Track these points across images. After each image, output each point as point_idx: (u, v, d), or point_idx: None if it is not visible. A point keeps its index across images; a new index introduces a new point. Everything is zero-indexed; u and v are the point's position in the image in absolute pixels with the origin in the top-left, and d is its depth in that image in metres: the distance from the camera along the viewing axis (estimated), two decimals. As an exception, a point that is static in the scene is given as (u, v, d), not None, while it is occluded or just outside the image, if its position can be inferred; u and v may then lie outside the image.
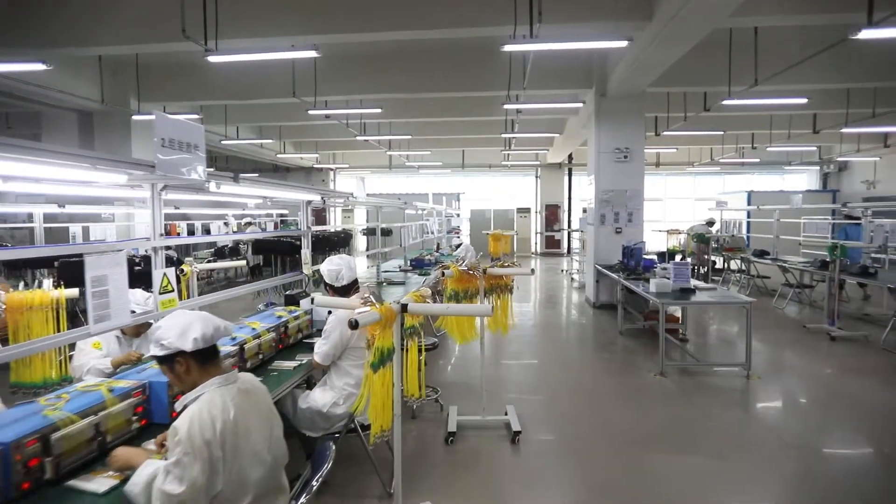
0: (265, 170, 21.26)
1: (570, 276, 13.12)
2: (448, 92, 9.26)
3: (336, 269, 3.11)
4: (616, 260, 8.24)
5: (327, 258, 3.16)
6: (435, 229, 11.88)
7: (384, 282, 6.79)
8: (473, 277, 3.70)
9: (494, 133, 13.48)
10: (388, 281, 6.79)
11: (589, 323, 7.98)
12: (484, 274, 3.77)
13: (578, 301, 9.78)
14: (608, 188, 8.66)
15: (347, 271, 3.12)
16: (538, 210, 19.91)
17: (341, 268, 3.11)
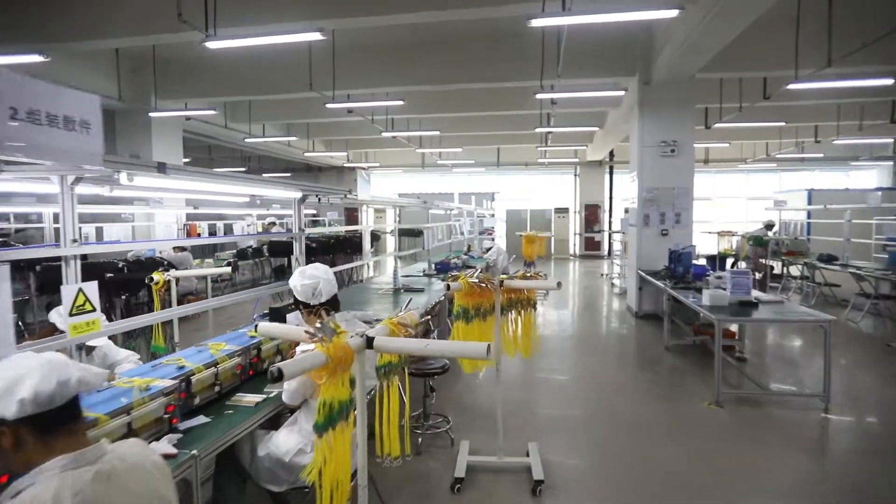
0: (298, 169, 21.15)
1: (609, 280, 12.24)
2: (475, 83, 8.62)
3: (311, 283, 2.45)
4: (661, 265, 7.40)
5: (299, 269, 2.54)
6: (465, 230, 11.25)
7: (402, 288, 6.22)
8: (487, 291, 3.06)
9: (529, 129, 12.72)
10: (406, 287, 6.22)
11: (630, 335, 7.18)
12: (500, 286, 3.12)
13: (619, 309, 8.95)
14: (653, 186, 7.82)
15: (326, 285, 2.47)
16: (577, 210, 18.99)
17: (317, 281, 2.45)
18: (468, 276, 3.08)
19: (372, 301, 5.51)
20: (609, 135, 13.09)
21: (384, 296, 5.88)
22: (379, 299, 5.65)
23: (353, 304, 5.16)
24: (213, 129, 11.29)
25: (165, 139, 10.06)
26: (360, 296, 5.95)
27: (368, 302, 5.43)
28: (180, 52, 9.13)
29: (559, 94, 7.39)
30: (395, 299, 5.75)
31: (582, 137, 14.71)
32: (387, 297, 5.84)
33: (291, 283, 2.46)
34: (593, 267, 15.63)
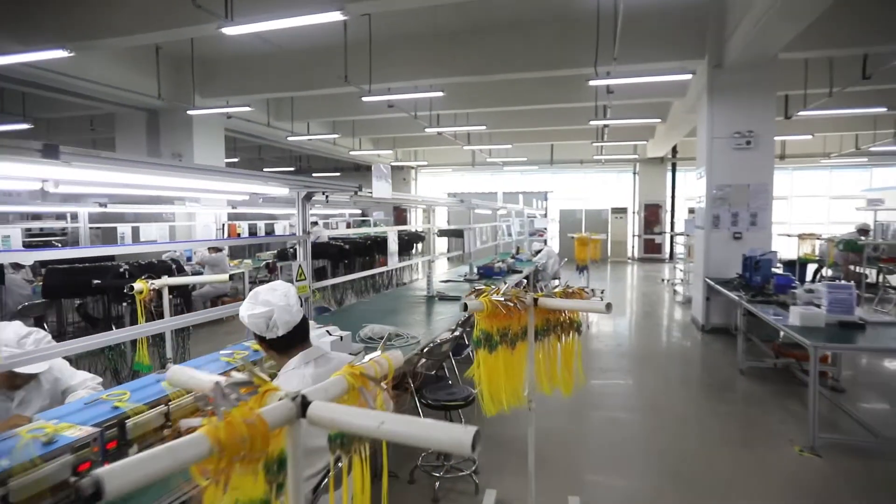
0: (346, 169, 21.08)
1: (671, 286, 11.20)
2: (523, 72, 7.92)
3: (263, 312, 1.82)
4: (734, 273, 6.48)
5: (253, 291, 1.91)
6: (514, 231, 10.56)
7: (436, 295, 5.66)
8: (516, 311, 2.43)
9: (583, 123, 11.87)
10: (440, 295, 5.65)
11: (696, 353, 6.30)
12: (535, 305, 2.48)
13: (682, 321, 8.01)
14: (724, 182, 6.88)
15: (282, 314, 1.84)
16: (636, 210, 17.83)
17: (271, 310, 1.83)
18: (493, 293, 2.46)
19: (400, 310, 4.97)
20: (672, 129, 12.03)
21: (415, 304, 5.34)
22: (408, 308, 5.11)
23: (379, 315, 4.64)
24: (256, 128, 11.16)
25: (207, 138, 9.97)
26: (389, 304, 5.43)
27: (396, 311, 4.89)
28: (220, 50, 8.97)
29: (616, 81, 6.60)
30: (428, 308, 5.19)
31: (642, 132, 13.68)
32: (418, 305, 5.29)
33: (240, 314, 1.89)
34: (653, 271, 14.52)
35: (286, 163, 19.22)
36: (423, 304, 5.36)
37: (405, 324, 4.35)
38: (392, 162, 17.81)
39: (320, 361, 1.87)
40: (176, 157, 9.70)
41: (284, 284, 1.92)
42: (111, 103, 9.43)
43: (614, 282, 12.71)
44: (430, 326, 4.22)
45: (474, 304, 2.35)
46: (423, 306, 5.25)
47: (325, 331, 2.95)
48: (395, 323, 4.30)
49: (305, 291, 3.38)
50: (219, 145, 10.32)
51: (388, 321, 4.36)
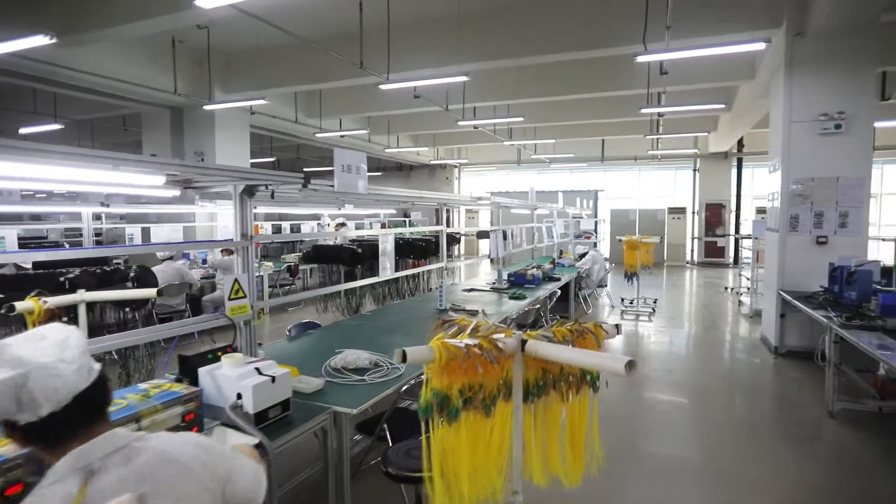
0: (388, 168, 20.58)
1: (736, 296, 9.88)
2: (557, 53, 6.96)
3: (8, 380, 0.99)
4: (817, 286, 5.31)
5: None
6: (555, 233, 9.59)
7: (450, 309, 4.85)
8: (488, 366, 1.59)
9: (635, 114, 10.73)
10: (455, 307, 4.84)
11: (769, 384, 5.17)
12: (521, 351, 1.63)
13: (750, 339, 6.81)
14: (805, 176, 5.70)
15: (48, 381, 1.01)
16: (696, 210, 16.32)
17: (23, 374, 0.99)
18: (450, 334, 1.63)
19: (401, 327, 4.21)
20: (738, 118, 10.66)
21: (422, 320, 4.55)
22: (412, 325, 4.33)
23: (373, 333, 3.90)
24: (283, 125, 10.71)
25: (230, 135, 9.57)
26: (394, 318, 4.67)
27: (396, 329, 4.13)
28: (241, 44, 8.53)
29: (669, 55, 5.52)
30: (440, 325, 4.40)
31: (703, 123, 12.31)
32: (425, 321, 4.50)
33: None
34: (715, 277, 13.08)
35: (328, 162, 18.91)
36: (430, 319, 4.57)
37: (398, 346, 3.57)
38: (432, 160, 17.11)
39: (114, 461, 1.09)
40: (198, 156, 9.36)
41: (64, 329, 1.15)
42: (136, 101, 9.18)
43: (670, 289, 11.45)
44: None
45: (418, 354, 1.52)
46: (429, 323, 4.46)
47: (254, 368, 2.21)
48: (390, 344, 3.54)
49: (245, 312, 2.66)
50: (243, 143, 9.92)
51: (381, 342, 3.61)
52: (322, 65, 8.14)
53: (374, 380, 2.84)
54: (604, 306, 9.10)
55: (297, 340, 3.77)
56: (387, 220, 13.56)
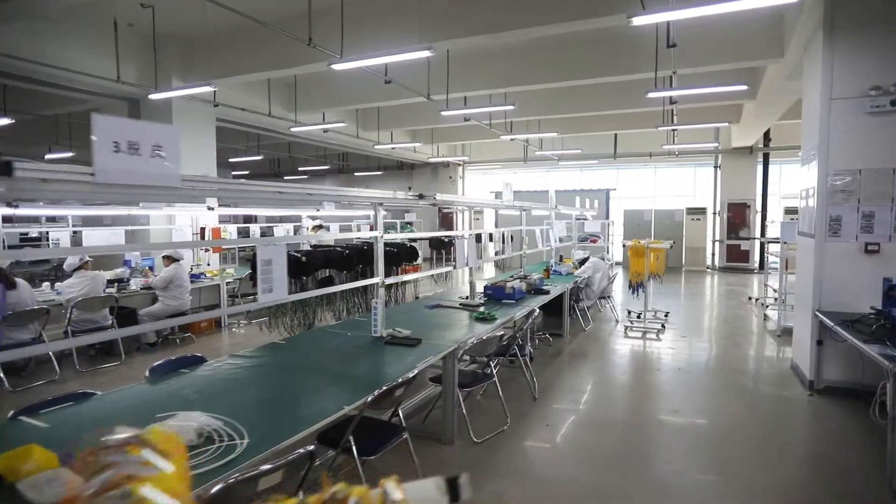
0: (390, 167, 19.63)
1: (762, 308, 8.64)
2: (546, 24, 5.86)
3: None
4: (867, 306, 4.15)
5: None
6: (552, 237, 8.47)
7: (389, 337, 3.82)
8: None
9: (645, 103, 9.57)
10: (391, 338, 3.80)
11: (803, 435, 4.02)
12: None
13: (777, 367, 5.63)
14: (849, 166, 4.53)
15: None
16: (717, 211, 15.01)
17: None
18: None
19: (312, 366, 3.19)
20: (765, 105, 9.41)
21: (346, 352, 3.52)
22: (322, 361, 3.31)
23: (262, 374, 2.90)
24: (255, 119, 9.78)
25: (192, 129, 8.67)
26: (313, 347, 3.67)
27: (299, 368, 3.11)
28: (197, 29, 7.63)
29: (673, 14, 4.38)
30: (374, 358, 3.39)
31: (724, 113, 11.05)
32: (348, 354, 3.48)
33: None
34: (738, 284, 11.80)
35: (320, 161, 18.03)
36: (356, 351, 3.54)
37: (275, 400, 2.56)
38: (430, 157, 16.09)
39: None
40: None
41: None
42: (89, 93, 8.34)
43: (686, 299, 10.23)
44: (304, 410, 2.39)
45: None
46: (352, 356, 3.43)
47: None
48: (269, 394, 2.55)
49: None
50: (207, 138, 9.02)
51: (252, 393, 2.61)
52: (285, 49, 7.18)
53: (202, 462, 1.84)
54: (607, 321, 7.96)
55: (146, 387, 2.78)
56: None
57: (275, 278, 2.91)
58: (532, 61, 8.38)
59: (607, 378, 5.30)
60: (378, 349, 3.59)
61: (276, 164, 21.15)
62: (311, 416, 2.30)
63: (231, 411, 2.34)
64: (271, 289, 2.88)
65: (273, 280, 2.90)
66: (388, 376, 2.91)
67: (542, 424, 4.06)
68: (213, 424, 2.19)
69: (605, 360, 5.90)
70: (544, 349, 6.30)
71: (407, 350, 3.54)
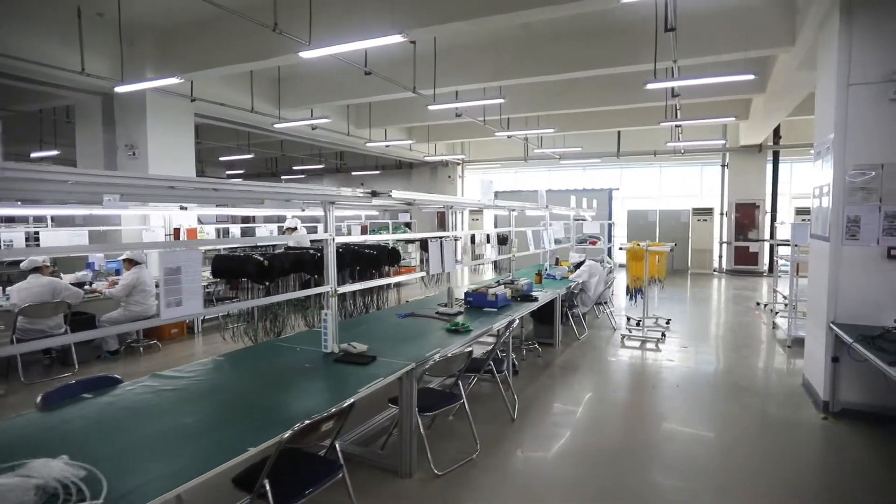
0: (388, 167, 19.20)
1: (771, 315, 8.10)
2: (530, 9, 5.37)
3: None
4: (891, 320, 3.64)
5: None
6: (545, 239, 7.98)
7: (337, 354, 3.36)
8: None
9: (646, 97, 9.08)
10: (344, 354, 3.34)
11: (818, 469, 3.51)
12: None
13: (788, 383, 5.10)
14: (869, 161, 4.02)
15: None
16: (724, 211, 14.44)
17: None
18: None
19: (253, 383, 2.72)
20: (774, 99, 8.86)
21: (291, 374, 3.06)
22: (273, 384, 2.85)
23: (173, 407, 2.41)
24: (237, 114, 9.35)
25: (168, 125, 8.26)
26: (260, 362, 3.22)
27: (232, 390, 2.63)
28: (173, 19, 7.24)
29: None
30: (315, 381, 2.93)
31: (731, 108, 10.50)
32: (293, 375, 3.02)
33: None
34: (745, 288, 11.23)
35: (313, 161, 17.63)
36: (298, 371, 3.07)
37: (168, 439, 2.10)
38: (427, 156, 15.64)
39: None
40: (129, 149, 8.09)
41: None
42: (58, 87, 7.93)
43: (690, 304, 9.69)
44: (197, 454, 1.91)
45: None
46: (291, 377, 2.96)
47: None
48: (167, 430, 2.10)
49: None
50: (185, 134, 8.60)
51: (166, 421, 2.18)
52: (259, 40, 6.74)
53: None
54: (604, 329, 7.45)
55: (31, 418, 2.33)
56: (368, 224, 12.12)
57: (185, 290, 2.45)
58: (524, 54, 7.91)
59: (597, 396, 4.80)
60: (324, 368, 3.13)
61: (274, 164, 20.79)
62: (194, 465, 1.84)
63: (106, 455, 1.90)
64: (180, 302, 2.43)
65: (183, 292, 2.45)
66: (319, 405, 2.45)
67: (516, 452, 3.58)
68: (68, 476, 1.74)
69: (597, 374, 5.40)
70: (533, 360, 5.82)
71: (357, 370, 3.08)
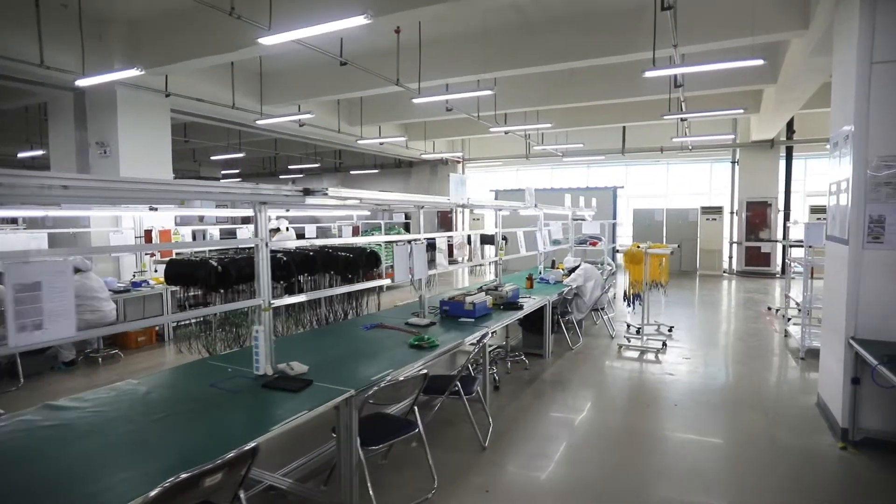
0: (387, 166, 18.76)
1: (782, 322, 7.52)
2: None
3: None
4: (921, 338, 3.09)
5: None
6: (540, 240, 7.46)
7: (268, 377, 2.89)
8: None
9: (650, 90, 8.55)
10: (275, 379, 2.87)
11: (833, 500, 3.00)
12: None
13: (801, 403, 4.55)
14: (894, 152, 3.47)
15: None
16: (735, 210, 13.80)
17: None
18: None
19: (153, 416, 2.24)
20: (787, 89, 8.26)
21: (205, 403, 2.58)
22: (178, 417, 2.36)
23: (82, 437, 1.95)
24: (217, 110, 8.90)
25: (141, 121, 7.85)
26: (178, 386, 2.76)
27: (122, 426, 2.16)
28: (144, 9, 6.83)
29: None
30: (229, 413, 2.46)
31: (740, 100, 9.88)
32: (207, 404, 2.54)
33: None
34: (757, 291, 10.62)
35: (309, 159, 17.22)
36: (215, 399, 2.60)
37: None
38: (423, 154, 15.15)
39: None
40: (101, 146, 7.69)
41: None
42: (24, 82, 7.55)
43: (697, 308, 9.12)
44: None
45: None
46: (203, 408, 2.49)
47: None
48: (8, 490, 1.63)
49: None
50: (161, 130, 8.18)
51: (15, 475, 1.71)
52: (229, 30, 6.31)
53: None
54: (601, 337, 6.93)
55: None
56: (360, 224, 11.65)
57: (49, 310, 1.98)
58: (514, 43, 7.42)
59: (585, 417, 4.29)
60: (248, 396, 2.66)
61: (272, 163, 20.42)
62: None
63: None
64: (40, 325, 1.97)
65: (45, 312, 1.98)
66: (216, 449, 1.97)
67: (481, 491, 3.09)
68: None
69: (588, 391, 4.89)
70: (518, 374, 5.32)
71: (284, 399, 2.61)
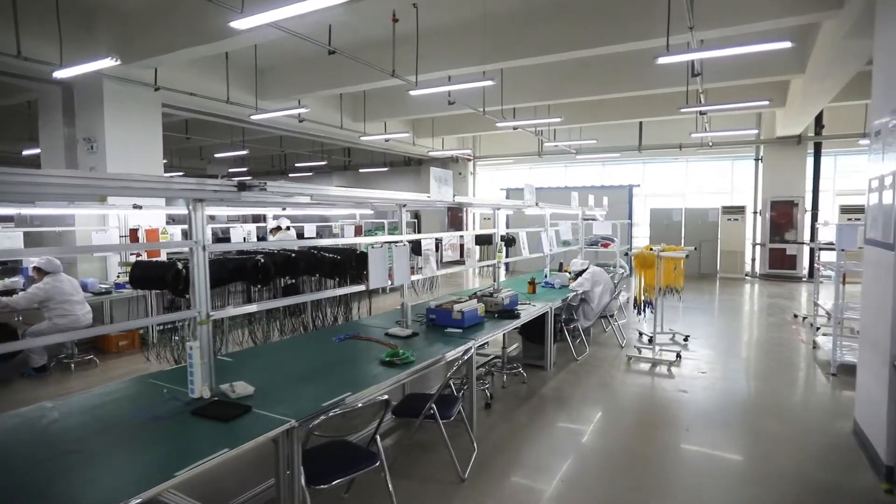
0: (397, 164, 18.37)
1: (810, 333, 6.91)
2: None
3: None
4: None
5: None
6: (546, 242, 6.97)
7: (202, 402, 2.48)
8: None
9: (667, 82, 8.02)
10: (208, 406, 2.46)
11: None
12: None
13: (834, 433, 3.99)
14: (951, 141, 2.92)
15: None
16: (758, 210, 13.09)
17: None
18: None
19: (46, 453, 1.83)
20: (816, 79, 7.61)
21: (115, 435, 2.16)
22: (78, 455, 1.95)
23: None
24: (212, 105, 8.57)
25: (131, 116, 7.53)
26: (100, 410, 2.36)
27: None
28: None
29: None
30: (135, 450, 2.04)
31: (765, 92, 9.22)
32: (117, 437, 2.12)
33: None
34: (782, 296, 9.97)
35: (318, 158, 16.91)
36: (131, 430, 2.19)
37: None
38: (430, 151, 14.71)
39: None
40: (88, 142, 7.41)
41: None
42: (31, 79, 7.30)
43: (719, 314, 8.52)
44: None
45: None
46: (112, 441, 2.07)
47: None
48: None
49: None
50: (151, 124, 7.87)
51: None
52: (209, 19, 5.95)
53: None
54: (610, 346, 6.41)
55: None
56: (363, 223, 11.26)
57: None
58: (519, 32, 6.95)
59: (581, 443, 3.81)
60: (170, 426, 2.25)
61: (283, 161, 20.20)
62: None
63: None
64: None
65: None
66: None
67: (453, 538, 2.64)
68: None
69: (590, 409, 4.40)
70: (515, 389, 4.85)
71: (213, 429, 2.20)
